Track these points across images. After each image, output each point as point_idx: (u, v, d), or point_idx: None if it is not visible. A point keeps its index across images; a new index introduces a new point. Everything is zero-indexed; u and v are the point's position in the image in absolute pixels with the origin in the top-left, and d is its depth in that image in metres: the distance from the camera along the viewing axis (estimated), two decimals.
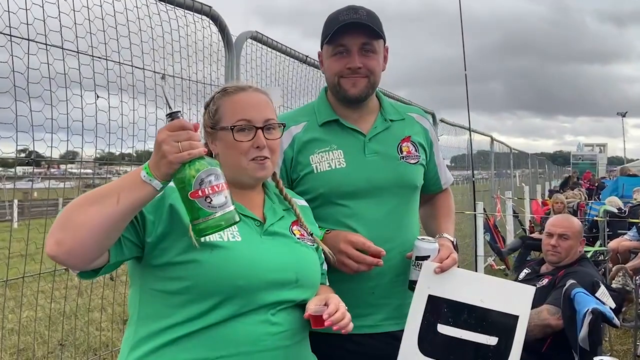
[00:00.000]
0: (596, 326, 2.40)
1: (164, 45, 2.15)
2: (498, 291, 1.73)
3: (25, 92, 1.81)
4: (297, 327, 1.48)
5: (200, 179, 1.21)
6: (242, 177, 1.50)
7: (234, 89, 1.53)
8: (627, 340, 5.14)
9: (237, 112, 1.48)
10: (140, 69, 2.05)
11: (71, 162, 3.02)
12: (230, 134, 1.46)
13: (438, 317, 1.70)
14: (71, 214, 1.22)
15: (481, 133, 10.10)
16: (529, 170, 18.79)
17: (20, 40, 1.74)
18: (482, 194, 9.50)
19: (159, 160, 1.20)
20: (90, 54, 1.85)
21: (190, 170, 1.20)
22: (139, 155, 2.66)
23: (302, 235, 1.58)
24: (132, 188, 1.22)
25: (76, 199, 1.26)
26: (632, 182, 12.07)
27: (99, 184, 7.87)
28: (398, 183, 1.89)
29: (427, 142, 2.00)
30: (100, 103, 2.10)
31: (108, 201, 1.21)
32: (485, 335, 1.67)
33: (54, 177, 3.91)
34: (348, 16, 1.78)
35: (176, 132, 1.20)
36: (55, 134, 1.97)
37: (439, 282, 1.72)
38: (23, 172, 4.54)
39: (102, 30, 1.88)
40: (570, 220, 3.52)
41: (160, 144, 1.19)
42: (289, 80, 3.35)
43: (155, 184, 1.21)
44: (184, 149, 1.19)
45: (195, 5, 2.27)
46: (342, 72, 1.81)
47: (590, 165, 32.21)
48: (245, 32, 2.76)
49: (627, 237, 7.52)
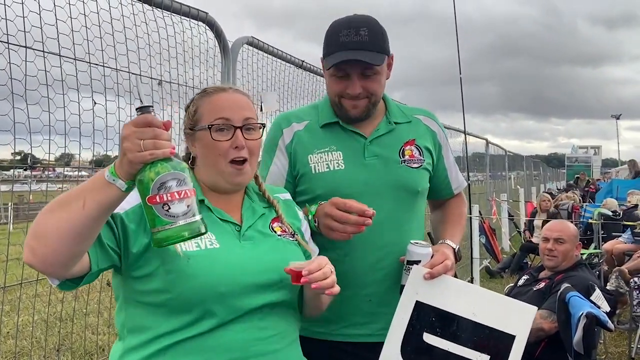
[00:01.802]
0: (590, 330, 2.42)
1: (161, 51, 2.15)
2: (494, 306, 1.62)
3: (22, 99, 1.82)
4: (286, 329, 1.46)
5: (159, 183, 1.10)
6: (220, 181, 1.47)
7: (213, 89, 1.51)
8: (621, 343, 5.16)
9: (216, 112, 1.44)
10: (137, 75, 2.05)
11: (67, 165, 3.01)
12: (208, 133, 1.42)
13: (425, 325, 1.61)
14: (41, 221, 1.17)
15: (476, 136, 10.13)
16: (524, 173, 18.85)
17: (18, 47, 1.74)
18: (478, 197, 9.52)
19: (121, 158, 1.12)
20: (88, 61, 1.86)
21: (150, 173, 1.10)
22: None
23: (283, 231, 1.53)
24: (97, 189, 1.14)
25: (47, 204, 1.19)
26: (627, 185, 12.15)
27: None
28: (397, 187, 1.83)
29: (434, 145, 1.93)
30: (97, 109, 2.11)
31: (74, 205, 1.14)
32: (476, 351, 1.57)
33: (50, 180, 3.90)
34: (349, 38, 1.72)
35: (141, 129, 1.10)
36: (53, 139, 1.97)
37: (428, 288, 1.63)
38: (18, 175, 4.55)
39: (99, 37, 1.88)
40: (566, 224, 3.56)
41: (122, 140, 1.10)
42: (284, 85, 3.36)
43: (119, 184, 1.13)
44: (147, 148, 1.09)
45: (191, 12, 2.28)
46: (342, 94, 1.78)
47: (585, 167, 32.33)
48: (241, 37, 2.77)
49: (622, 239, 7.56)
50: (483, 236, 8.25)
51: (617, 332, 5.42)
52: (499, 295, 1.75)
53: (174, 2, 2.16)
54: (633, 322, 5.07)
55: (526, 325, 1.59)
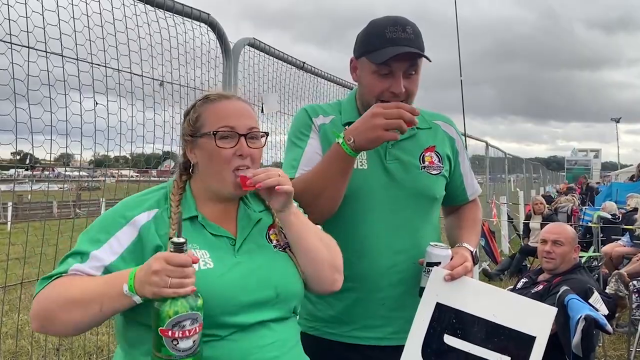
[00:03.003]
0: (589, 333, 2.42)
1: (162, 52, 2.16)
2: (514, 308, 1.62)
3: (24, 99, 1.82)
4: (285, 336, 1.45)
5: (175, 321, 1.18)
6: (221, 190, 1.46)
7: (216, 96, 1.49)
8: (620, 346, 5.17)
9: (221, 119, 1.43)
10: (139, 75, 2.06)
11: (66, 165, 3.03)
12: (212, 140, 1.41)
13: (445, 327, 1.61)
14: (55, 311, 1.27)
15: (476, 138, 10.16)
16: (523, 175, 18.86)
17: (20, 47, 1.75)
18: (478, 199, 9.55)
19: (144, 283, 1.20)
20: (90, 62, 1.86)
21: (169, 309, 1.18)
22: (134, 158, 2.67)
23: (278, 241, 1.51)
24: (114, 298, 1.23)
25: (57, 293, 1.28)
26: (626, 188, 12.18)
27: (94, 186, 7.66)
28: (416, 192, 1.82)
29: (452, 151, 1.93)
30: (99, 109, 2.12)
31: (91, 309, 1.25)
32: (497, 353, 1.56)
33: (49, 180, 3.92)
34: (396, 35, 1.67)
35: (172, 268, 1.18)
36: (55, 140, 1.97)
37: (448, 290, 1.62)
38: (17, 174, 4.56)
39: (101, 37, 1.89)
40: (564, 227, 3.57)
41: (152, 272, 1.18)
42: (285, 87, 3.37)
43: (136, 298, 1.22)
44: (172, 286, 1.18)
45: (193, 13, 2.29)
46: (383, 95, 1.72)
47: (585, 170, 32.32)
48: (243, 38, 2.78)
49: (621, 242, 7.59)
50: (482, 239, 8.26)
51: (616, 336, 5.43)
52: (520, 296, 1.74)
53: (176, 3, 2.17)
54: (632, 326, 5.07)
55: (547, 326, 1.59)
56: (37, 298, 1.31)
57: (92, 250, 1.33)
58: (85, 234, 1.39)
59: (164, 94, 2.21)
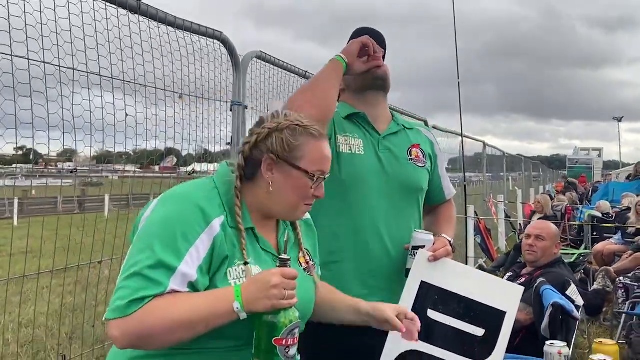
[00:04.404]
0: (555, 318, 2.71)
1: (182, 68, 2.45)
2: (487, 286, 1.82)
3: (43, 96, 1.98)
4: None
5: (289, 330, 1.28)
6: (283, 214, 1.49)
7: (318, 133, 1.46)
8: (605, 338, 5.42)
9: (322, 162, 1.45)
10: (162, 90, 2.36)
11: (68, 161, 3.05)
12: (305, 178, 1.42)
13: (429, 302, 1.78)
14: (158, 333, 1.25)
15: (473, 138, 10.35)
16: (522, 174, 18.96)
17: (53, 58, 1.98)
18: (474, 198, 9.76)
19: (260, 299, 1.26)
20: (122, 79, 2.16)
21: (284, 319, 1.27)
22: (137, 154, 2.77)
23: (306, 263, 1.56)
24: (221, 316, 1.27)
25: (162, 315, 1.24)
26: (622, 187, 12.35)
27: (96, 182, 7.66)
28: (404, 181, 2.06)
29: (433, 153, 2.19)
30: (107, 107, 2.24)
31: (198, 327, 1.27)
32: (473, 325, 1.75)
33: (52, 175, 4.02)
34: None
35: (287, 281, 1.27)
36: (59, 138, 2.08)
37: (432, 270, 1.80)
38: (20, 169, 4.65)
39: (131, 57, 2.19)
40: (547, 223, 3.86)
41: (270, 287, 1.25)
42: (290, 94, 3.66)
43: (242, 315, 1.27)
44: (287, 298, 1.27)
45: (208, 32, 2.59)
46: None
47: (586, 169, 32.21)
48: (251, 52, 3.07)
49: (613, 240, 7.79)
50: (479, 236, 8.48)
51: (602, 329, 5.69)
52: (492, 276, 1.97)
53: (193, 24, 2.48)
54: (615, 319, 5.34)
55: (515, 303, 1.80)
56: (135, 317, 1.24)
57: (178, 265, 1.28)
58: (163, 238, 1.30)
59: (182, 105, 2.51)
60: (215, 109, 2.80)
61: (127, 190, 3.23)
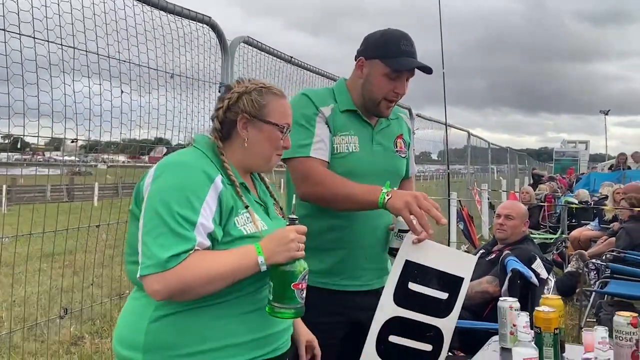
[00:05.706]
0: (514, 282, 2.94)
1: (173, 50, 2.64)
2: (451, 258, 2.06)
3: (13, 81, 2.07)
4: None
5: (304, 275, 1.52)
6: (261, 166, 1.69)
7: (279, 92, 1.68)
8: (576, 316, 5.70)
9: (286, 116, 1.66)
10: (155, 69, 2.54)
11: (56, 150, 3.15)
12: (276, 130, 1.62)
13: (409, 277, 1.99)
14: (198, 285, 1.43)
15: (459, 128, 10.57)
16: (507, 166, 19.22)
17: (43, 41, 2.13)
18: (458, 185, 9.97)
19: (280, 252, 1.48)
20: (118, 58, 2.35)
21: (299, 267, 1.50)
22: (125, 143, 2.83)
23: (280, 209, 1.79)
24: (247, 270, 1.49)
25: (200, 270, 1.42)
26: (603, 177, 12.67)
27: (85, 171, 7.65)
28: (392, 171, 2.24)
29: (409, 139, 2.37)
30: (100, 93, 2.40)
31: (229, 279, 1.47)
32: (440, 291, 2.00)
33: (40, 163, 3.95)
34: (408, 48, 2.08)
35: (300, 236, 1.51)
36: (46, 125, 2.18)
37: (414, 250, 1.99)
38: (8, 158, 4.69)
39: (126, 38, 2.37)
40: (516, 204, 4.10)
41: (289, 241, 1.49)
42: (275, 78, 3.86)
43: (263, 268, 1.49)
44: (300, 249, 1.51)
45: (197, 16, 2.78)
46: (389, 95, 2.11)
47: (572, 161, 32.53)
48: (238, 37, 3.26)
49: (590, 227, 8.09)
50: (462, 222, 8.68)
51: (574, 308, 5.98)
52: (452, 249, 2.18)
53: (183, 9, 2.66)
54: (585, 298, 5.62)
55: (470, 269, 2.05)
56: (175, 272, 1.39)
57: (197, 219, 1.44)
58: (179, 200, 1.45)
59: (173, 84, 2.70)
60: (204, 97, 2.98)
61: (117, 180, 3.30)
